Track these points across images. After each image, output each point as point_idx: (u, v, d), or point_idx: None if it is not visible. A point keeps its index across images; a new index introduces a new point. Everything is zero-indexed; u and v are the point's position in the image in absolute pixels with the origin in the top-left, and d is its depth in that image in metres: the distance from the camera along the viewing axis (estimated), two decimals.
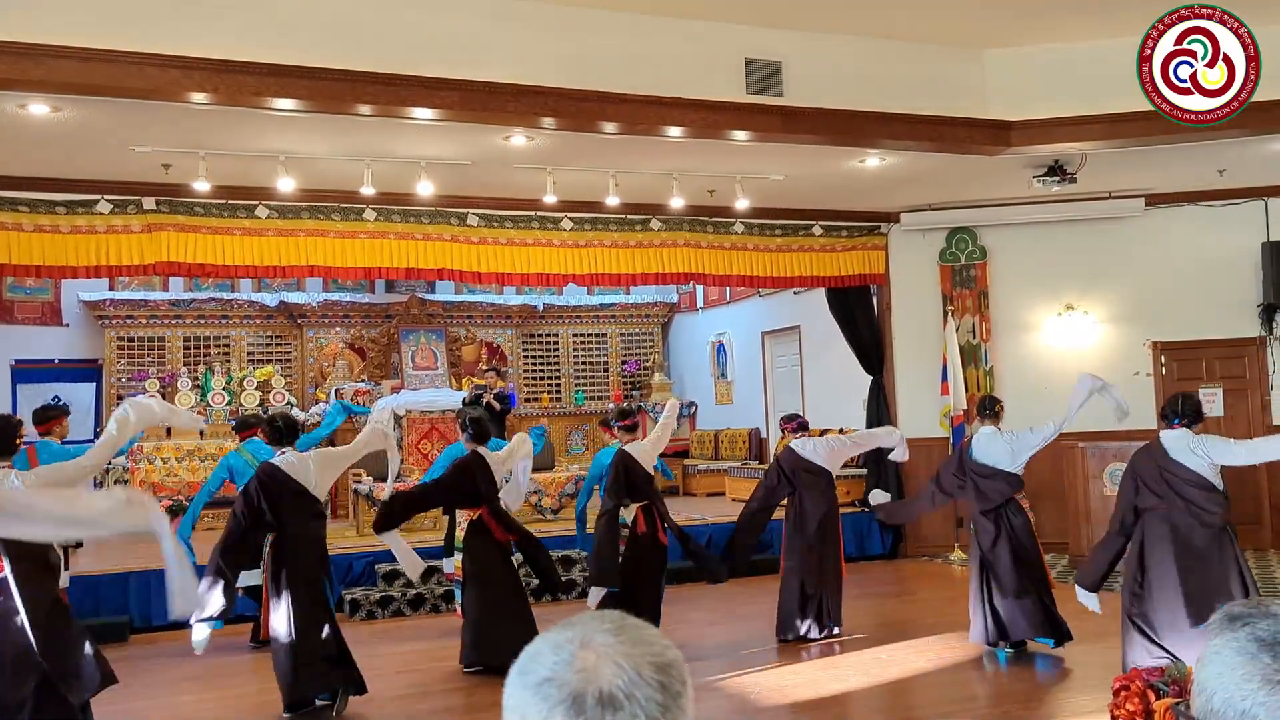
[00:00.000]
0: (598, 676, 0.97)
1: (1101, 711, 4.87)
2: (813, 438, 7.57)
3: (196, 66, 5.99)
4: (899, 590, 8.99)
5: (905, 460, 7.66)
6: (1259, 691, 1.04)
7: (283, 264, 8.66)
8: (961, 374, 10.17)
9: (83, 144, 7.13)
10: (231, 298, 13.33)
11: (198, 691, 6.26)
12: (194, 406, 12.46)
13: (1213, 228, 10.03)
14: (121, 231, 8.15)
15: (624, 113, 7.00)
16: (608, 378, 15.19)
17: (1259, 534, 9.88)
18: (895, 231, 10.56)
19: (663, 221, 9.71)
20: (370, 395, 12.61)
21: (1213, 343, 10.08)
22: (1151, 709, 4.48)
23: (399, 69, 6.41)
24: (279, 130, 7.02)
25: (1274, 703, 1.02)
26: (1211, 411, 10.13)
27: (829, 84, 7.46)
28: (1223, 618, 1.14)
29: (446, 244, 9.08)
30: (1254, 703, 1.04)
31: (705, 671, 6.22)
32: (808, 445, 7.19)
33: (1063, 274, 10.28)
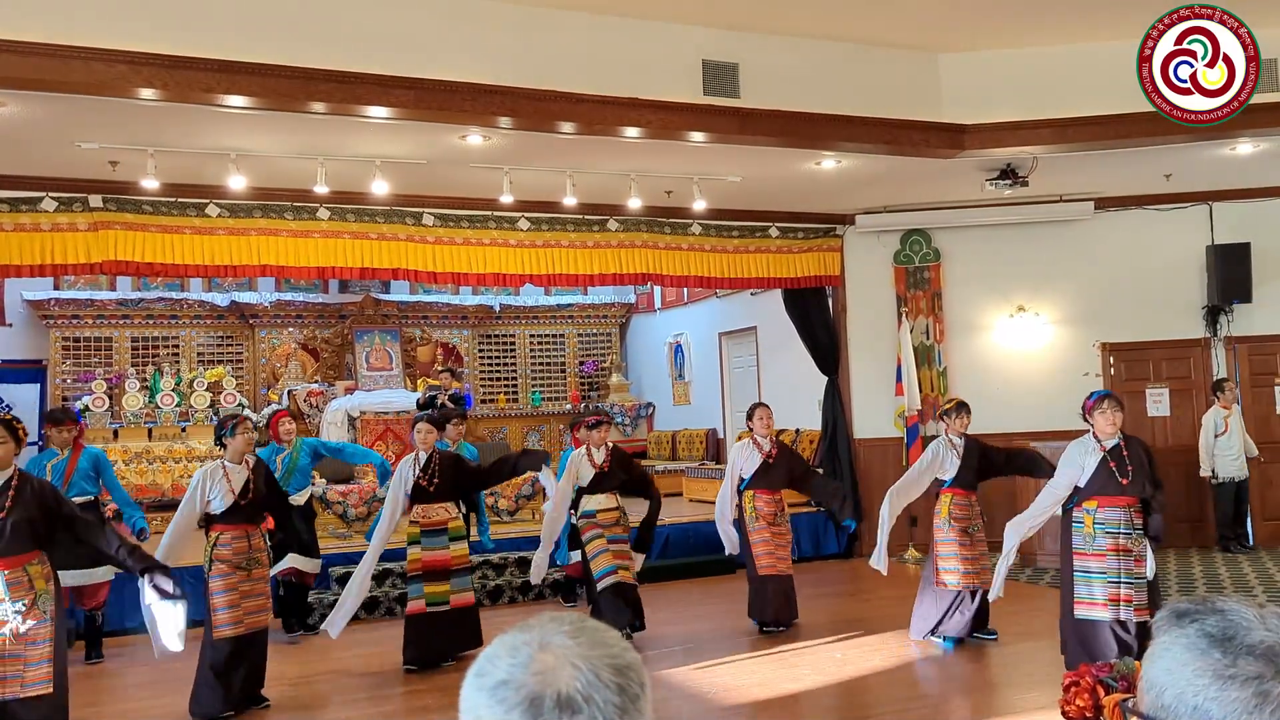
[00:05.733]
0: (556, 679, 0.96)
1: (1052, 707, 4.95)
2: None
3: (144, 62, 5.87)
4: (854, 589, 9.06)
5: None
6: (1210, 687, 1.05)
7: (234, 263, 8.51)
8: (916, 375, 10.28)
9: (27, 140, 6.97)
10: (181, 297, 13.09)
11: (163, 695, 6.15)
12: (143, 408, 12.24)
13: (1159, 231, 10.24)
14: (67, 230, 7.96)
15: (581, 113, 6.98)
16: (565, 379, 15.15)
17: (1204, 532, 10.09)
18: (850, 233, 10.65)
19: (620, 222, 9.71)
20: (323, 396, 12.47)
21: (1160, 344, 10.29)
22: (1101, 704, 4.56)
23: (353, 66, 6.33)
24: (230, 127, 6.91)
25: (1225, 698, 1.03)
26: (1158, 411, 10.35)
27: (786, 86, 7.50)
28: (1169, 614, 1.15)
29: (402, 244, 8.98)
30: (1205, 698, 1.05)
31: (660, 670, 6.22)
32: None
33: (1014, 276, 10.43)
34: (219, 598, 5.59)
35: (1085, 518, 5.59)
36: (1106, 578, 5.50)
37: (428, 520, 6.64)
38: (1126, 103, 7.41)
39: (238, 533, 5.71)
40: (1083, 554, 5.57)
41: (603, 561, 7.00)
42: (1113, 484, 5.52)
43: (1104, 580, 5.50)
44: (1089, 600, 5.56)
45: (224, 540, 5.67)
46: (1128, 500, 5.53)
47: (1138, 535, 5.55)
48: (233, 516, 5.69)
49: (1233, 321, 10.12)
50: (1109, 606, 5.49)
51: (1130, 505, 5.55)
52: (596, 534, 7.08)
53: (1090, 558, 5.55)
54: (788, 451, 7.75)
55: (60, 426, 7.12)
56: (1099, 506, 5.56)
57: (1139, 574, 5.52)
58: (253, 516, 5.83)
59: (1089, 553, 5.55)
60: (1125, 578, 5.49)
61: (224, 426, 5.87)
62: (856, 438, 10.66)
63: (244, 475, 5.78)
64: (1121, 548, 5.50)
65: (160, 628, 4.59)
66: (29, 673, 4.39)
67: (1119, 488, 5.51)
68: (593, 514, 7.14)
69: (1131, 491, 5.52)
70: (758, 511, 7.36)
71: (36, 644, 4.42)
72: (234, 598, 5.61)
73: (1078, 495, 5.65)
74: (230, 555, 5.65)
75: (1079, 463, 5.65)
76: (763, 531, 7.34)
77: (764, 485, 7.41)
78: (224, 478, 5.70)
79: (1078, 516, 5.64)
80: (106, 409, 12.03)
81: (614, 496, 7.23)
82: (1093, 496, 5.58)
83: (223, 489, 5.66)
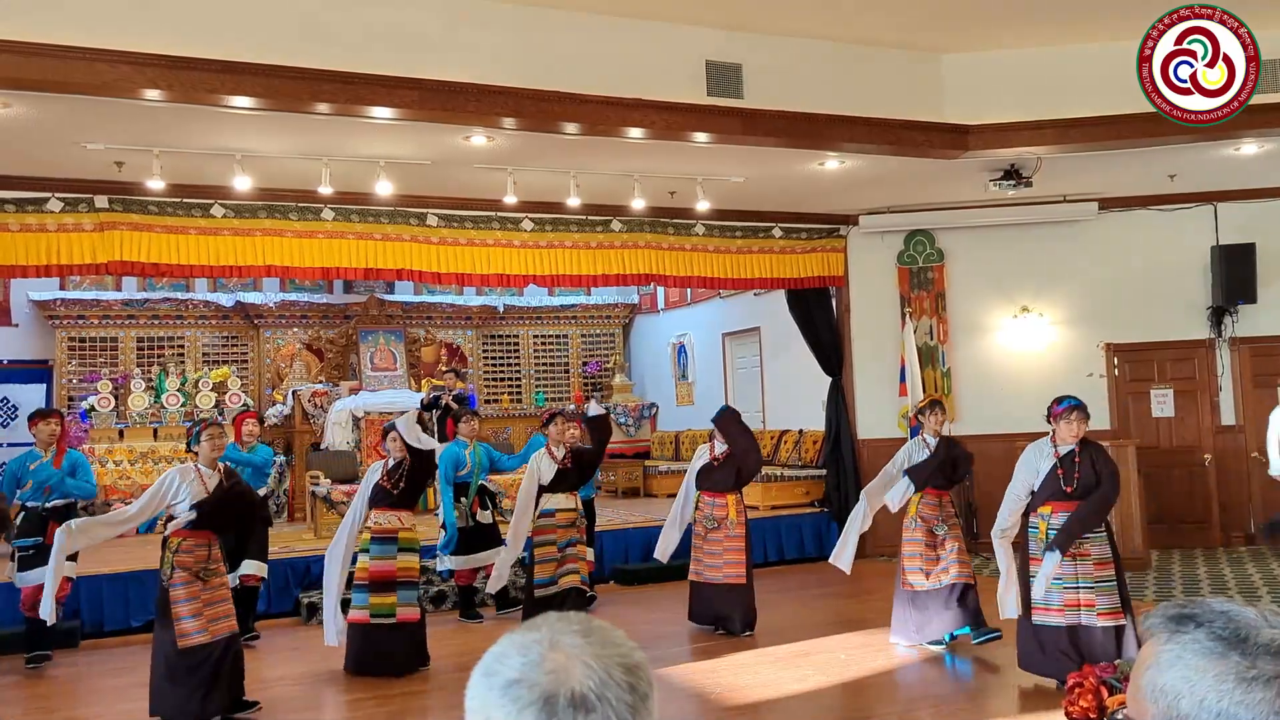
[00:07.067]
0: (569, 677, 0.96)
1: (1055, 708, 4.95)
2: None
3: (149, 63, 5.89)
4: (859, 589, 9.05)
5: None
6: (1235, 691, 1.03)
7: (239, 264, 8.53)
8: (920, 375, 10.27)
9: (33, 141, 6.98)
10: (186, 298, 13.11)
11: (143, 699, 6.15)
12: (148, 408, 12.26)
13: (1164, 232, 10.22)
14: (73, 230, 7.98)
15: (585, 113, 6.98)
16: (568, 379, 15.15)
17: (1209, 533, 10.08)
18: (854, 234, 10.64)
19: (624, 222, 9.71)
20: (328, 397, 12.49)
21: (1164, 344, 10.27)
22: (1105, 705, 4.56)
23: (357, 67, 6.34)
24: (235, 128, 6.92)
25: (1251, 700, 1.02)
26: (1162, 412, 10.34)
27: (789, 87, 7.50)
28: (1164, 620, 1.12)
29: (406, 244, 8.99)
30: (1231, 702, 1.03)
31: (663, 671, 6.22)
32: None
33: (1018, 276, 10.42)
34: (182, 606, 5.44)
35: (1040, 523, 5.56)
36: (1062, 583, 5.45)
37: (379, 528, 6.57)
38: (1131, 103, 7.39)
39: (199, 540, 5.57)
40: (1038, 559, 5.52)
41: (545, 570, 7.14)
42: (1060, 490, 5.51)
43: (1059, 586, 5.45)
44: (1041, 606, 5.50)
45: (186, 547, 5.52)
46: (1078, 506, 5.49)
47: (1095, 539, 5.50)
48: (196, 522, 5.55)
49: (1237, 322, 10.10)
50: (1065, 612, 5.44)
51: None
52: (548, 539, 7.20)
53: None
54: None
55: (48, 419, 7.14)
56: (1053, 512, 5.53)
57: (1101, 577, 5.46)
58: (215, 523, 5.68)
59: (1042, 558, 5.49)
60: (1084, 582, 5.44)
61: (190, 434, 5.78)
62: (860, 438, 10.66)
63: (215, 479, 5.68)
64: (1080, 553, 5.45)
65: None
66: None
67: (1065, 494, 5.50)
68: (551, 513, 7.20)
69: (1078, 498, 5.49)
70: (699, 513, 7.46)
71: None
72: (197, 606, 5.47)
73: (1033, 500, 5.63)
74: (191, 563, 5.50)
75: (1035, 466, 5.64)
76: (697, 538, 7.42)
77: (707, 487, 7.48)
78: (196, 479, 5.60)
79: (1033, 521, 5.61)
80: (112, 409, 12.05)
81: (573, 496, 7.36)
82: (1046, 502, 5.56)
83: (194, 491, 5.55)
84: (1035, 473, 5.63)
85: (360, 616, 6.45)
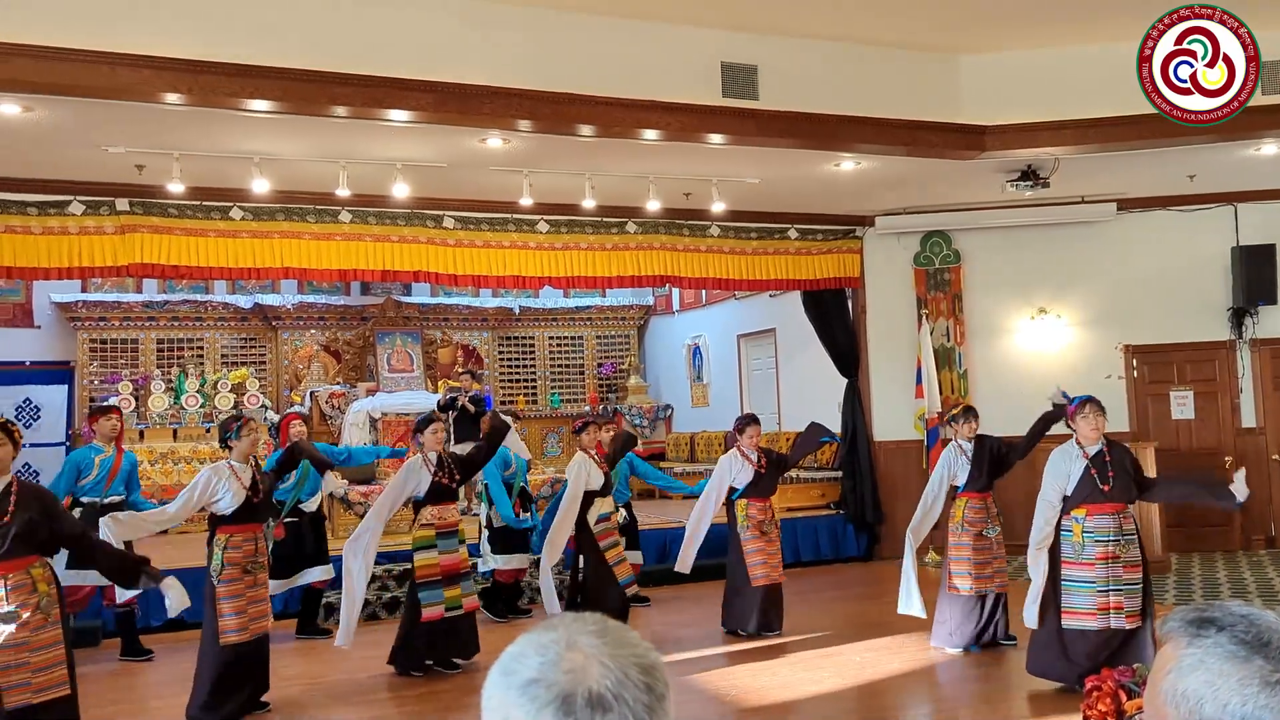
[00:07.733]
0: (586, 677, 0.97)
1: (1074, 711, 4.92)
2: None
3: (168, 67, 5.94)
4: (875, 592, 9.02)
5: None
6: (1260, 694, 1.03)
7: (257, 266, 8.59)
8: (936, 377, 10.24)
9: (55, 144, 7.06)
10: (205, 299, 13.20)
11: (170, 696, 6.20)
12: (168, 409, 12.34)
13: (1183, 232, 10.15)
14: (94, 233, 8.06)
15: (600, 115, 7.00)
16: (584, 380, 15.17)
17: (1229, 535, 10.00)
18: (870, 235, 10.62)
19: (639, 224, 9.72)
20: (345, 398, 12.54)
21: (1184, 346, 10.20)
22: (1123, 709, 4.53)
23: (373, 70, 6.38)
24: (253, 131, 6.97)
25: (1277, 704, 1.02)
26: (1182, 414, 10.26)
27: (804, 88, 7.49)
28: (1184, 625, 1.11)
29: (422, 246, 9.04)
30: (1256, 705, 1.03)
31: (680, 673, 6.22)
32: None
33: (1036, 278, 10.37)
34: (226, 603, 5.52)
35: (1074, 526, 5.49)
36: (1095, 586, 5.41)
37: (443, 522, 6.57)
38: (1148, 104, 7.36)
39: (247, 534, 5.65)
40: (1071, 563, 5.48)
41: (623, 571, 7.27)
42: (1096, 491, 5.44)
43: (1092, 589, 5.41)
44: (1076, 610, 5.46)
45: (234, 543, 5.59)
46: (1115, 507, 5.44)
47: (1127, 541, 5.45)
48: (243, 517, 5.63)
49: (1258, 323, 10.02)
50: (1098, 616, 5.40)
51: (1118, 511, 5.45)
52: (614, 541, 7.31)
53: (1078, 567, 5.46)
54: (773, 456, 7.63)
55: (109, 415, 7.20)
56: (1088, 515, 5.47)
57: (1130, 580, 5.42)
58: (261, 516, 5.83)
59: (1077, 562, 5.46)
60: (1115, 585, 5.40)
61: (228, 429, 5.81)
62: (876, 440, 10.63)
63: (250, 475, 5.74)
64: (1110, 555, 5.40)
65: (171, 599, 4.85)
66: (39, 677, 4.36)
67: (1102, 495, 5.43)
68: (607, 516, 7.24)
69: (1115, 498, 5.43)
70: (750, 519, 7.33)
71: (49, 647, 4.41)
72: (240, 604, 5.54)
73: (1065, 504, 5.56)
74: (240, 558, 5.58)
75: (1064, 470, 5.55)
76: (756, 540, 7.31)
77: (756, 494, 7.40)
78: (232, 476, 5.65)
79: (1066, 525, 5.54)
80: (133, 410, 12.14)
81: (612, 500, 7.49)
82: (1080, 504, 5.48)
83: (233, 487, 5.61)
84: (1065, 477, 5.54)
85: (435, 613, 6.43)
